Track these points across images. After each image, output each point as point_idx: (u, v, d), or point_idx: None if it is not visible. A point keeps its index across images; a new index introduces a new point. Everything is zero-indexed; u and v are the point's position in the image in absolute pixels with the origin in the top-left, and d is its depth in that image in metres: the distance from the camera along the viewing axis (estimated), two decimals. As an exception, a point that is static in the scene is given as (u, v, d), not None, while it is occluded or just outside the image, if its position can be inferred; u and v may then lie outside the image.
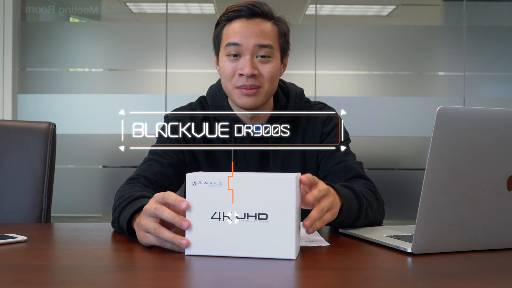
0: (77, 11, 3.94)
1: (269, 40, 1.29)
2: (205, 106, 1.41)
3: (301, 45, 3.79)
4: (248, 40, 1.27)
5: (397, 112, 3.79)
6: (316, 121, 1.39)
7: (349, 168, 1.32)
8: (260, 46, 1.28)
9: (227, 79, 1.30)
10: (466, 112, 0.88)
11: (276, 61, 1.31)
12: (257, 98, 1.30)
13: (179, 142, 1.35)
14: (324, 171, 1.36)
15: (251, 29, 1.28)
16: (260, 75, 1.28)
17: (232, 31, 1.29)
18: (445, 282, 0.75)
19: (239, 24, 1.29)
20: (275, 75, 1.31)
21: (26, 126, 1.48)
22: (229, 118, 1.36)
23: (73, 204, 3.81)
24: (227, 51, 1.29)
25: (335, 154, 1.35)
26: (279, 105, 1.39)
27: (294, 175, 0.87)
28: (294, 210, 0.86)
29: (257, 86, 1.29)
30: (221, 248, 0.87)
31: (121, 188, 1.21)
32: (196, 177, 0.88)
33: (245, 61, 1.27)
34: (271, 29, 1.30)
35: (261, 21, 1.30)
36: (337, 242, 1.02)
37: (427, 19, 4.26)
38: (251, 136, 1.35)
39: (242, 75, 1.28)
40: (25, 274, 0.78)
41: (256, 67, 1.28)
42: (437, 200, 0.88)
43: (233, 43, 1.28)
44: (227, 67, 1.30)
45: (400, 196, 3.84)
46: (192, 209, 0.88)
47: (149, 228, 0.92)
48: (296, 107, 1.39)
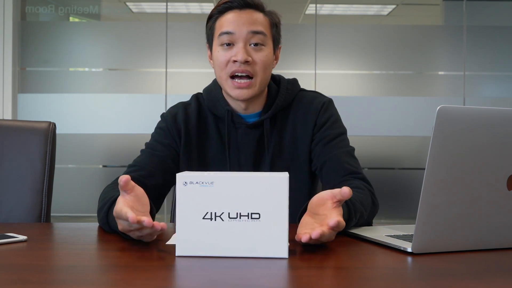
0: (77, 11, 3.94)
1: (261, 27, 1.31)
2: (201, 100, 1.42)
3: (301, 45, 3.79)
4: (241, 28, 1.29)
5: (397, 112, 3.79)
6: (309, 110, 1.38)
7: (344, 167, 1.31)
8: (253, 33, 1.29)
9: (221, 68, 1.31)
10: (466, 111, 0.88)
11: (269, 49, 1.32)
12: (250, 90, 1.31)
13: (174, 139, 1.37)
14: (318, 163, 1.35)
15: (243, 18, 1.30)
16: (253, 62, 1.29)
17: (225, 21, 1.31)
18: (445, 281, 0.75)
19: (232, 15, 1.31)
20: (268, 63, 1.32)
21: (26, 126, 1.48)
22: (223, 110, 1.36)
23: (73, 204, 3.81)
24: (220, 41, 1.31)
25: (329, 145, 1.34)
26: (270, 93, 1.39)
27: (286, 174, 0.87)
28: (286, 209, 0.86)
29: (251, 74, 1.29)
30: (213, 249, 0.87)
31: (105, 189, 1.25)
32: (187, 177, 0.87)
33: (238, 48, 1.29)
34: (263, 19, 1.33)
35: (253, 11, 1.32)
36: (337, 241, 1.02)
37: (427, 19, 4.26)
38: (246, 125, 1.36)
39: (235, 61, 1.29)
40: (25, 273, 0.78)
41: (249, 54, 1.29)
42: (437, 199, 0.88)
43: (226, 31, 1.30)
44: (220, 57, 1.31)
45: (400, 195, 3.84)
46: (183, 210, 0.87)
47: (136, 234, 0.95)
48: (288, 93, 1.39)
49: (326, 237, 0.91)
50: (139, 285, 0.73)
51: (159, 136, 1.38)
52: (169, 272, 0.81)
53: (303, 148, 1.37)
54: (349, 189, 0.93)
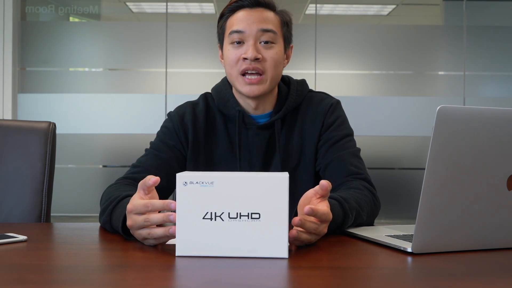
0: (77, 11, 3.94)
1: (271, 25, 1.31)
2: (209, 100, 1.42)
3: (301, 45, 3.79)
4: (251, 27, 1.29)
5: (397, 111, 3.79)
6: (317, 110, 1.39)
7: (346, 168, 1.31)
8: (263, 31, 1.30)
9: (231, 66, 1.32)
10: (466, 111, 0.88)
11: (279, 47, 1.32)
12: (261, 86, 1.30)
13: (180, 140, 1.36)
14: (322, 164, 1.35)
15: (254, 16, 1.30)
16: (263, 59, 1.30)
17: (235, 20, 1.32)
18: (445, 281, 0.75)
19: (242, 13, 1.32)
20: (278, 61, 1.32)
21: (26, 126, 1.48)
22: (234, 110, 1.36)
23: (73, 204, 3.81)
24: (230, 39, 1.32)
25: (334, 146, 1.34)
26: (280, 93, 1.39)
27: (286, 174, 0.87)
28: (286, 209, 0.86)
29: (261, 71, 1.29)
30: (213, 249, 0.87)
31: (108, 189, 1.24)
32: (187, 177, 0.87)
33: (248, 46, 1.29)
34: (274, 17, 1.33)
35: (264, 10, 1.32)
36: (337, 241, 1.02)
37: (427, 19, 4.26)
38: (257, 126, 1.36)
39: (246, 59, 1.29)
40: (25, 273, 0.78)
41: (259, 51, 1.30)
42: (437, 199, 0.88)
43: (237, 30, 1.30)
44: (231, 55, 1.31)
45: (400, 195, 3.84)
46: (183, 210, 0.87)
47: (142, 235, 0.94)
48: (298, 94, 1.40)
49: (309, 226, 0.92)
50: (139, 285, 0.73)
51: (165, 136, 1.38)
52: (169, 272, 0.81)
53: (310, 148, 1.37)
54: (327, 181, 0.94)
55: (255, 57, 1.28)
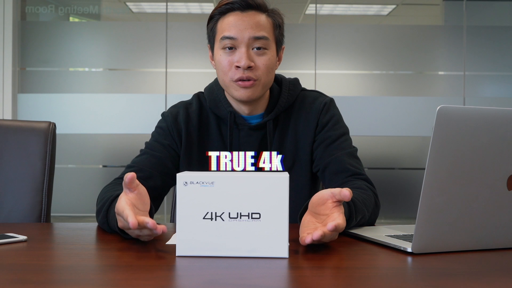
0: (77, 11, 3.94)
1: (264, 31, 1.28)
2: (202, 100, 1.41)
3: (301, 45, 3.79)
4: (243, 33, 1.27)
5: (397, 112, 3.79)
6: (310, 110, 1.38)
7: (346, 168, 1.31)
8: (255, 38, 1.27)
9: (224, 72, 1.30)
10: (466, 111, 0.88)
11: (271, 53, 1.31)
12: (254, 89, 1.29)
13: (174, 139, 1.36)
14: (321, 165, 1.34)
15: (245, 22, 1.27)
16: (256, 67, 1.28)
17: (226, 25, 1.29)
18: (445, 281, 0.75)
19: (234, 17, 1.28)
20: (271, 67, 1.31)
21: (26, 126, 1.48)
22: (226, 111, 1.36)
23: (73, 204, 3.81)
24: (222, 45, 1.29)
25: (331, 147, 1.34)
26: (272, 94, 1.39)
27: (286, 174, 0.87)
28: (286, 209, 0.86)
29: (253, 79, 1.28)
30: (213, 249, 0.87)
31: (103, 189, 1.25)
32: (187, 177, 0.87)
33: (241, 53, 1.27)
34: (266, 21, 1.30)
35: (256, 13, 1.29)
36: (337, 241, 1.02)
37: (427, 19, 4.26)
38: (249, 127, 1.35)
39: (238, 67, 1.27)
40: (25, 273, 0.78)
41: (252, 59, 1.28)
42: (437, 199, 0.88)
43: (228, 36, 1.28)
44: (223, 61, 1.29)
45: (400, 195, 3.84)
46: (184, 210, 0.87)
47: (134, 233, 0.96)
48: (290, 94, 1.39)
49: (327, 237, 0.91)
50: (139, 285, 0.73)
51: (159, 136, 1.38)
52: (169, 272, 0.81)
53: (304, 148, 1.37)
54: (349, 191, 0.92)
55: (248, 66, 1.26)
